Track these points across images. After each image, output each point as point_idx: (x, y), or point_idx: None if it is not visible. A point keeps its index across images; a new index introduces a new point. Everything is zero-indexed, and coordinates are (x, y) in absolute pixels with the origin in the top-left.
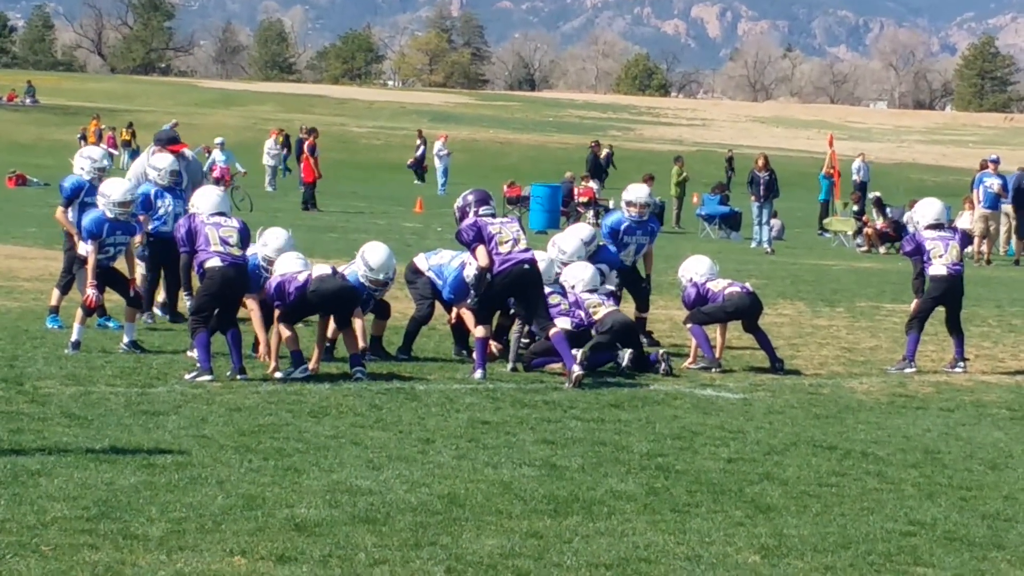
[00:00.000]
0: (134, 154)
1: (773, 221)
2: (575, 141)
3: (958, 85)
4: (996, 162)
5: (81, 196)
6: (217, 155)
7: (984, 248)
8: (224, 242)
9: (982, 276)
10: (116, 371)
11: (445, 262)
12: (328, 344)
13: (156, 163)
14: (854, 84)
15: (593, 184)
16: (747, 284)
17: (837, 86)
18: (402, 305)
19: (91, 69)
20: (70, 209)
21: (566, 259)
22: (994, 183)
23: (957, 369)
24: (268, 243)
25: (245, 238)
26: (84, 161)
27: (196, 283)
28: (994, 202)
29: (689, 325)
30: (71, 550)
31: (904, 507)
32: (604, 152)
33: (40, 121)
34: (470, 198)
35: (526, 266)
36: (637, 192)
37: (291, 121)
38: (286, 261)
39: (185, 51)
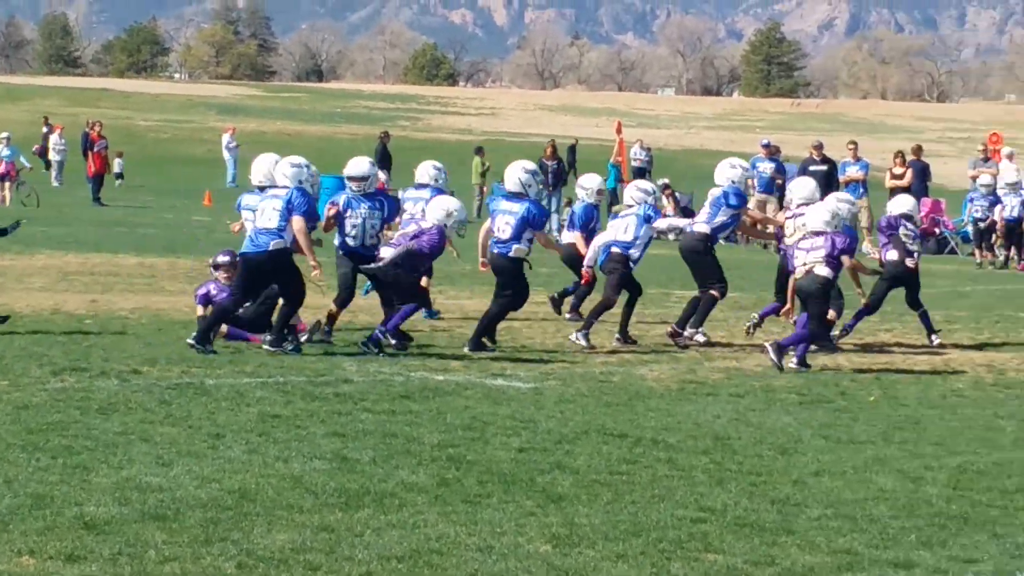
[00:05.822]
0: None
1: (566, 209)
2: (363, 132)
3: (745, 71)
4: (767, 146)
5: None
6: (2, 150)
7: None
8: None
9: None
10: None
11: None
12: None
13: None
14: (642, 71)
15: (382, 175)
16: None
17: (625, 73)
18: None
19: None
20: None
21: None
22: (767, 167)
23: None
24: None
25: None
26: None
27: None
28: (768, 186)
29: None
30: None
31: (694, 493)
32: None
33: None
34: None
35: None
36: (598, 179)
37: (77, 115)
38: None
39: None
